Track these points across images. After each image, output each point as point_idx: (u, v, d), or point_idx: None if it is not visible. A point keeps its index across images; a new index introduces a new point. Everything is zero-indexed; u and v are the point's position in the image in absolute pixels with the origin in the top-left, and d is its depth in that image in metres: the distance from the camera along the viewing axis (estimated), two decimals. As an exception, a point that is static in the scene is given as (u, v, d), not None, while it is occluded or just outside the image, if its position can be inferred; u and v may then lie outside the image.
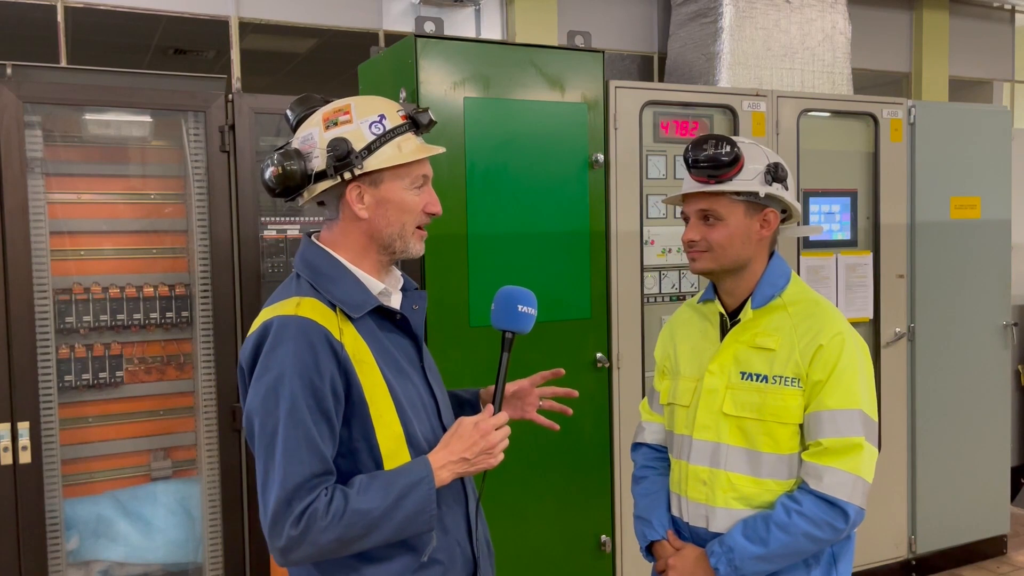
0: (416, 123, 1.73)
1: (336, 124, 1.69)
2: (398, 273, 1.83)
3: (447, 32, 3.24)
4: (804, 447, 1.95)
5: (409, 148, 1.71)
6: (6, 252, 2.88)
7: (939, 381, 4.37)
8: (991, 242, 4.53)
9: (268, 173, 1.68)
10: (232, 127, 3.17)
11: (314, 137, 1.69)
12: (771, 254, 2.06)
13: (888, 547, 4.28)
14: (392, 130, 1.69)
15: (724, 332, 2.06)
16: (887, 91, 7.54)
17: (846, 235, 4.16)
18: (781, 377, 1.94)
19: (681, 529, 2.10)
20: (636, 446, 2.30)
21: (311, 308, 1.64)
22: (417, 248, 1.76)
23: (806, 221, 4.03)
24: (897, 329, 4.24)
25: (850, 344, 1.95)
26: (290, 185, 1.68)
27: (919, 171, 4.28)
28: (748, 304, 2.01)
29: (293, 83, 7.77)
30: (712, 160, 1.94)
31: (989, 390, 4.55)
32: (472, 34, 5.88)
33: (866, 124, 4.19)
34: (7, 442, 2.88)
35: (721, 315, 2.08)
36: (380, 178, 1.69)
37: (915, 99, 4.97)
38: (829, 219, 4.12)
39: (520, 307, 1.82)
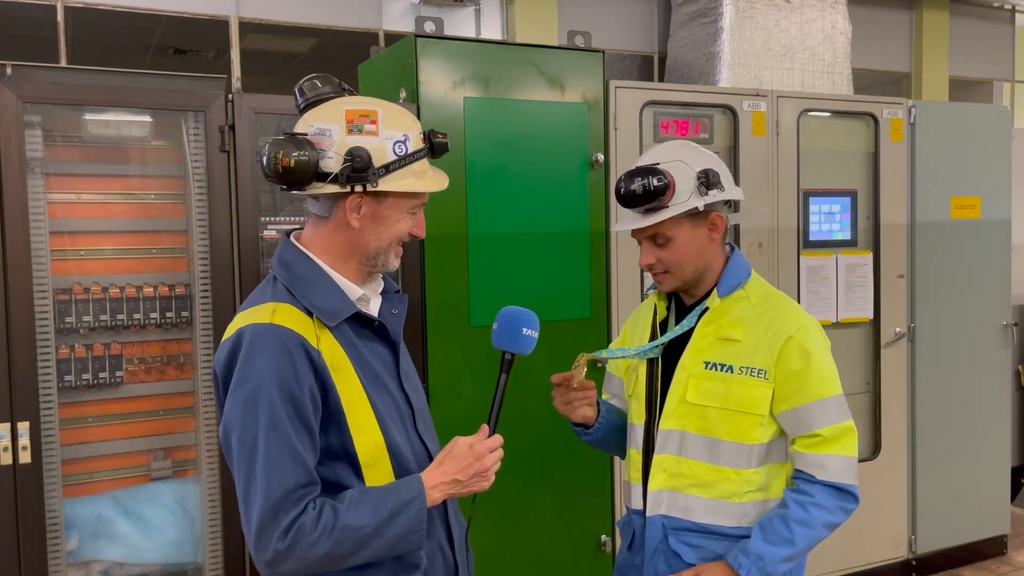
0: (433, 149, 1.69)
1: (360, 131, 1.61)
2: (379, 276, 1.79)
3: (447, 32, 3.24)
4: (792, 441, 1.99)
5: (425, 177, 1.67)
6: (6, 252, 2.87)
7: (939, 381, 4.37)
8: (991, 242, 4.52)
9: (277, 162, 1.56)
10: (232, 127, 3.17)
11: (332, 136, 1.60)
12: (732, 250, 2.12)
13: (888, 547, 4.28)
14: (412, 154, 1.65)
15: (680, 317, 2.10)
16: (887, 91, 7.55)
17: (846, 235, 4.16)
18: (748, 368, 1.97)
19: (634, 520, 2.12)
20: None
21: (287, 315, 1.60)
22: (394, 264, 1.73)
23: (806, 222, 4.04)
24: (897, 329, 4.24)
25: (816, 333, 2.01)
26: (294, 178, 1.58)
27: (919, 171, 4.28)
28: (714, 293, 2.05)
29: (293, 83, 7.73)
30: (642, 197, 1.93)
31: (989, 390, 4.54)
32: (472, 34, 5.88)
33: (866, 124, 4.19)
34: (7, 442, 2.88)
35: (677, 302, 2.13)
36: (385, 197, 1.65)
37: (915, 99, 4.97)
38: (829, 219, 4.12)
39: (525, 330, 1.80)
